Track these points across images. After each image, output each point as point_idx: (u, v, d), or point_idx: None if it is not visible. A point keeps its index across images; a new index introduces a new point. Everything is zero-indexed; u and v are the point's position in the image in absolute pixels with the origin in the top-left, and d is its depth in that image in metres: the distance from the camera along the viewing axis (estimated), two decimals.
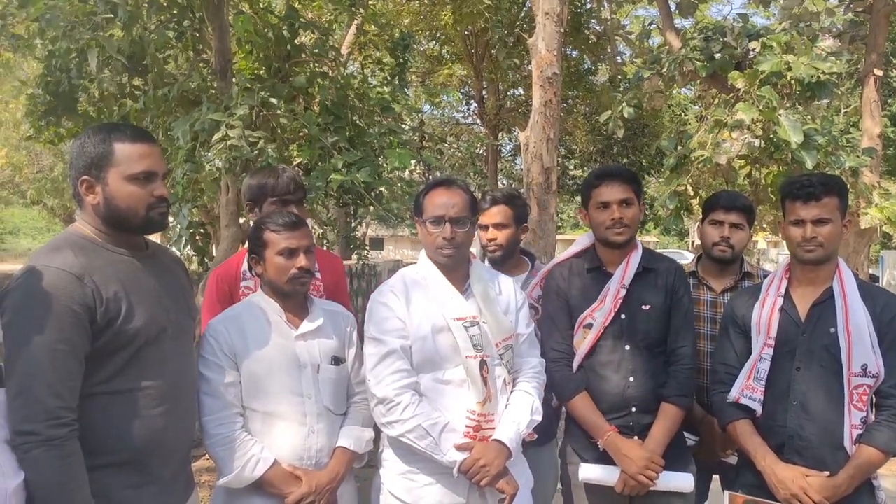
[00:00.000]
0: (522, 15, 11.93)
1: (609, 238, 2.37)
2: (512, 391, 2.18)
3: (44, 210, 21.90)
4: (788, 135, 4.59)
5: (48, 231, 30.87)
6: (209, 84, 4.78)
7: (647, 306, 2.35)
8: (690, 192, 5.40)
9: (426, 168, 17.67)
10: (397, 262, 12.94)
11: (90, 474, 1.61)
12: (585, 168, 16.99)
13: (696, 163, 5.10)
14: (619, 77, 12.25)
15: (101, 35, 4.22)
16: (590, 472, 2.29)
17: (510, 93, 15.36)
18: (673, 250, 30.65)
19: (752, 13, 12.07)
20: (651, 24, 9.87)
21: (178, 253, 4.89)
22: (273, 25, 4.64)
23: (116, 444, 1.69)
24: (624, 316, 2.34)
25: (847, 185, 2.39)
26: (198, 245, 5.44)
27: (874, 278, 14.39)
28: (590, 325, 2.36)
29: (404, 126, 6.35)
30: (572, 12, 10.83)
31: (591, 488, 2.33)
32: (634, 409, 2.31)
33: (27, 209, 27.76)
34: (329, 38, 5.14)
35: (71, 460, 1.57)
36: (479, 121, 16.92)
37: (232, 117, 3.92)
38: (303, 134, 4.49)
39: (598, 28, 12.29)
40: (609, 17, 10.74)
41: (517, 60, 12.37)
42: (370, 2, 8.49)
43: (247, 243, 2.44)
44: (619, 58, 13.04)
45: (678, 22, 8.34)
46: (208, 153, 4.15)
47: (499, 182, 16.82)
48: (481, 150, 17.88)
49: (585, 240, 2.55)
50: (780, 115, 4.70)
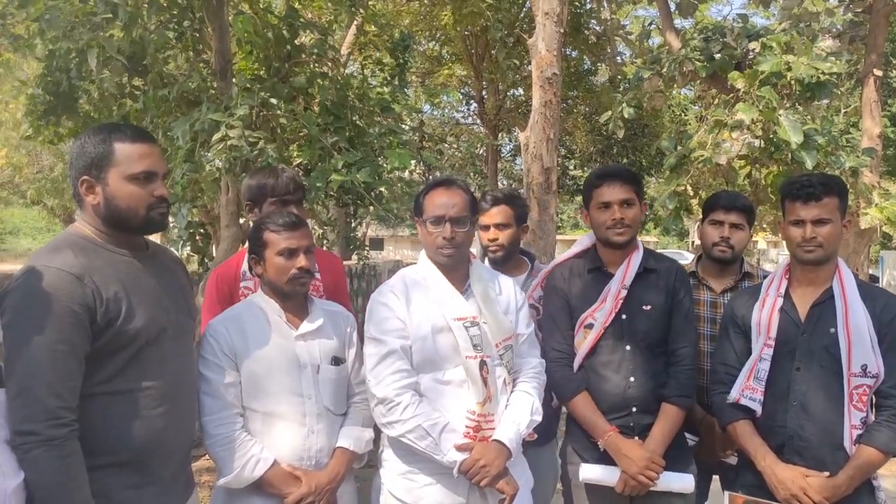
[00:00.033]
0: (522, 15, 11.94)
1: (610, 238, 2.36)
2: (512, 391, 2.18)
3: (44, 210, 21.89)
4: (788, 135, 4.59)
5: (48, 231, 30.87)
6: (209, 84, 4.79)
7: (648, 307, 2.35)
8: (690, 192, 5.40)
9: (426, 168, 17.67)
10: (397, 262, 12.95)
11: (90, 474, 1.61)
12: (585, 168, 16.99)
13: (695, 163, 5.10)
14: (619, 77, 12.26)
15: (101, 35, 4.22)
16: (590, 472, 2.29)
17: (510, 93, 15.36)
18: (673, 250, 30.66)
19: (752, 13, 12.06)
20: (651, 24, 9.89)
21: (177, 253, 4.89)
22: (273, 26, 4.63)
23: (116, 445, 1.69)
24: (625, 316, 2.34)
25: (847, 186, 2.39)
26: (198, 245, 5.44)
27: (874, 279, 14.40)
28: (590, 326, 2.36)
29: (404, 126, 6.35)
30: (572, 13, 10.83)
31: (592, 488, 2.33)
32: (635, 409, 2.31)
33: (27, 209, 27.75)
34: (328, 38, 5.13)
35: (71, 460, 1.57)
36: (478, 121, 16.92)
37: (232, 117, 3.92)
38: (303, 134, 4.49)
39: (597, 28, 12.30)
40: (609, 18, 10.74)
41: (517, 61, 12.37)
42: (370, 2, 8.49)
43: (247, 243, 2.44)
44: (618, 58, 13.04)
45: (678, 22, 8.35)
46: (208, 153, 4.15)
47: (499, 182, 16.82)
48: (481, 151, 17.89)
49: (586, 240, 2.55)
50: (779, 115, 4.70)
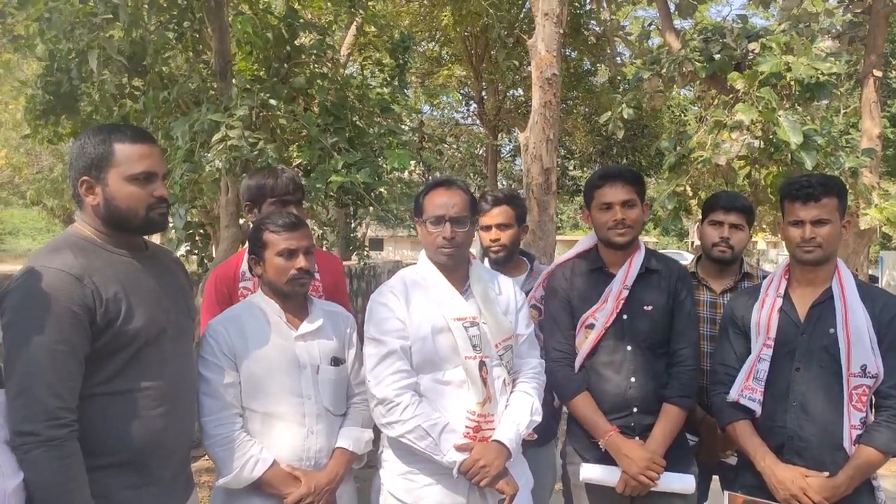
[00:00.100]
0: (522, 16, 11.94)
1: (611, 239, 2.36)
2: (511, 392, 2.18)
3: (43, 211, 21.91)
4: (788, 135, 4.59)
5: (48, 232, 30.86)
6: (209, 85, 4.79)
7: (650, 307, 2.35)
8: (689, 192, 5.40)
9: (426, 169, 17.68)
10: (397, 262, 12.97)
11: (90, 475, 1.61)
12: (585, 169, 16.99)
13: (695, 163, 5.11)
14: (619, 78, 12.26)
15: (102, 36, 4.22)
16: (591, 472, 2.29)
17: (510, 93, 15.37)
18: (672, 251, 30.68)
19: (752, 14, 12.08)
20: (650, 24, 9.89)
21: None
22: (272, 26, 4.64)
23: (116, 445, 1.69)
24: (626, 316, 2.34)
25: (846, 186, 2.39)
26: (197, 245, 5.44)
27: (874, 279, 14.40)
28: (591, 326, 2.35)
29: (404, 127, 6.35)
30: (572, 13, 10.83)
31: (592, 488, 2.33)
32: (636, 409, 2.31)
33: (27, 210, 27.77)
34: (327, 38, 5.14)
35: (71, 461, 1.57)
36: (478, 121, 16.92)
37: (232, 118, 3.93)
38: (302, 135, 4.49)
39: (597, 29, 12.30)
40: (608, 18, 10.73)
41: (517, 61, 12.38)
42: (370, 2, 8.50)
43: (246, 244, 2.44)
44: (618, 59, 13.04)
45: (677, 23, 8.35)
46: (208, 154, 4.15)
47: (498, 182, 16.82)
48: (481, 151, 17.90)
49: (588, 240, 2.54)
50: (779, 115, 4.70)
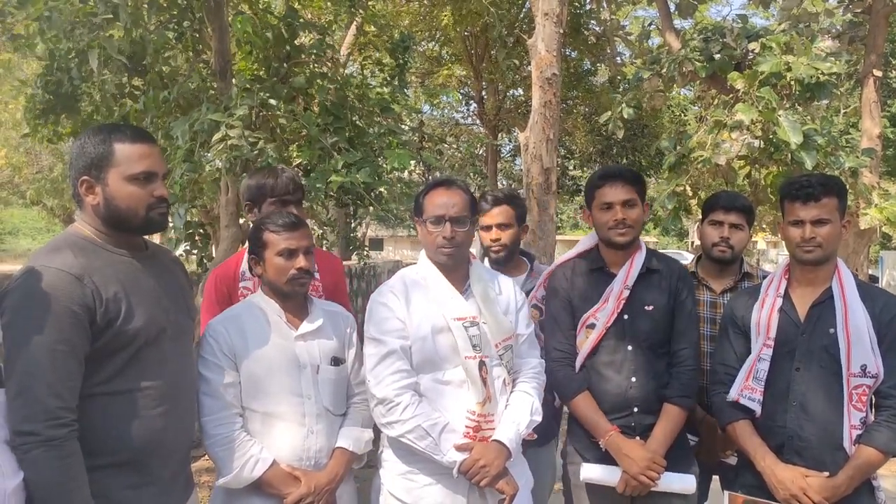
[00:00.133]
0: (522, 15, 11.94)
1: (612, 239, 2.36)
2: (512, 391, 2.18)
3: (43, 210, 21.91)
4: (788, 135, 4.59)
5: (48, 231, 30.87)
6: (209, 85, 4.79)
7: (650, 307, 2.35)
8: (689, 192, 5.40)
9: (426, 168, 17.68)
10: (397, 262, 12.97)
11: (90, 475, 1.61)
12: (585, 169, 16.99)
13: (695, 163, 5.11)
14: (619, 78, 12.26)
15: (102, 35, 4.22)
16: (591, 471, 2.29)
17: (510, 93, 15.37)
18: (672, 251, 30.69)
19: (752, 14, 12.08)
20: (650, 24, 9.90)
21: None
22: (272, 26, 4.64)
23: (116, 445, 1.69)
24: (626, 316, 2.34)
25: (846, 186, 2.39)
26: (196, 245, 5.44)
27: (874, 279, 14.41)
28: (592, 326, 2.35)
29: (404, 126, 6.35)
30: (572, 13, 10.83)
31: (593, 488, 2.33)
32: (636, 409, 2.31)
33: (26, 210, 27.77)
34: (326, 37, 5.14)
35: (70, 461, 1.57)
36: (478, 121, 16.93)
37: (232, 118, 3.93)
38: (302, 134, 4.49)
39: (597, 29, 12.30)
40: (608, 18, 10.74)
41: (517, 61, 12.38)
42: (370, 2, 8.49)
43: (246, 244, 2.44)
44: (618, 58, 13.05)
45: (677, 23, 8.36)
46: (208, 153, 4.15)
47: (498, 182, 16.82)
48: (481, 151, 17.90)
49: (589, 240, 2.54)
50: (779, 115, 4.70)
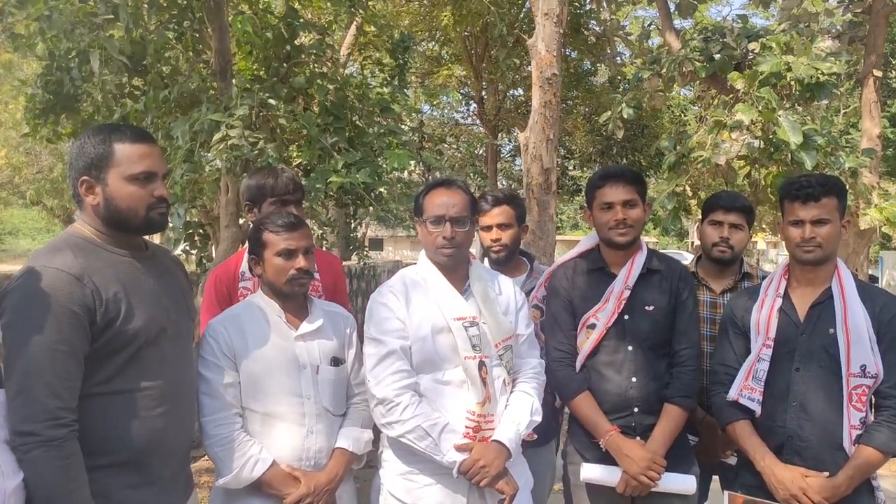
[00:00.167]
0: (522, 15, 11.94)
1: (612, 239, 2.36)
2: (511, 392, 2.18)
3: (43, 211, 21.91)
4: (788, 135, 4.59)
5: (47, 232, 30.88)
6: (209, 85, 4.79)
7: (651, 307, 2.35)
8: (689, 192, 5.41)
9: (426, 169, 17.67)
10: (397, 262, 12.98)
11: (90, 475, 1.61)
12: (585, 169, 16.99)
13: (695, 163, 5.11)
14: (619, 78, 12.25)
15: (102, 35, 4.22)
16: (591, 471, 2.29)
17: (510, 93, 15.36)
18: (672, 251, 30.70)
19: (752, 14, 12.09)
20: (650, 24, 9.89)
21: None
22: (272, 26, 4.64)
23: (116, 445, 1.69)
24: (627, 317, 2.34)
25: (846, 186, 2.39)
26: (196, 245, 5.44)
27: (873, 279, 14.41)
28: (593, 326, 2.35)
29: (404, 127, 6.35)
30: (572, 13, 10.83)
31: (593, 488, 2.33)
32: (637, 409, 2.31)
33: (26, 210, 27.76)
34: (326, 37, 5.14)
35: (70, 461, 1.57)
36: (478, 121, 16.92)
37: (232, 118, 3.93)
38: (302, 135, 4.49)
39: (597, 29, 12.30)
40: (608, 18, 10.73)
41: (517, 61, 12.37)
42: (370, 2, 8.49)
43: (246, 244, 2.44)
44: (618, 58, 13.05)
45: (677, 23, 8.36)
46: (208, 154, 4.15)
47: (498, 182, 16.82)
48: (481, 151, 17.90)
49: (589, 240, 2.54)
50: (779, 115, 4.70)
